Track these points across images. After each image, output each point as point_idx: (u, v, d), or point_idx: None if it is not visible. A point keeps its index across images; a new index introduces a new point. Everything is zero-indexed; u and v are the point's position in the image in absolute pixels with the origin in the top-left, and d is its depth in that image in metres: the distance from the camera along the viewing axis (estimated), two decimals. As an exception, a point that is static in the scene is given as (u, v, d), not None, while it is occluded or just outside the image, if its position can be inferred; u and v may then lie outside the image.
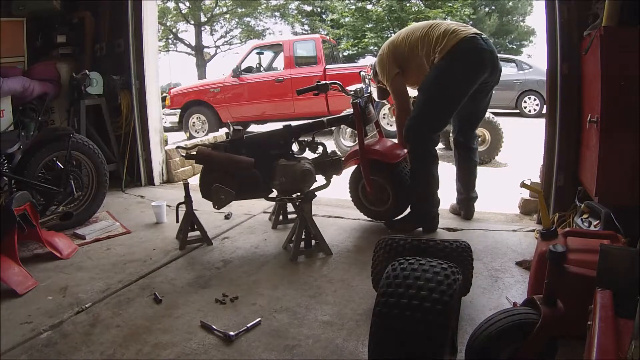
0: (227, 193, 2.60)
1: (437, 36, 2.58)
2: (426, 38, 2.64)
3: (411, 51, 2.71)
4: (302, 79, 7.88)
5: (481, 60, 2.54)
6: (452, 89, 2.58)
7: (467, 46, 2.51)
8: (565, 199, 2.80)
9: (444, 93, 2.60)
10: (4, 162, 3.00)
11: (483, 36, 2.57)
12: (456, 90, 2.58)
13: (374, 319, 1.31)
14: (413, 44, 2.70)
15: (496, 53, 2.62)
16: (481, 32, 2.60)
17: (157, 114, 4.50)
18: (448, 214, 3.18)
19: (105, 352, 1.70)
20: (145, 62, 4.21)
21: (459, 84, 2.57)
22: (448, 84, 2.57)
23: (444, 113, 2.68)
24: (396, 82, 2.79)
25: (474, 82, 2.58)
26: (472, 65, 2.54)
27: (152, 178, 4.42)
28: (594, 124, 2.22)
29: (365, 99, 2.84)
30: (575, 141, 2.76)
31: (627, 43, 2.06)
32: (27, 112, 3.65)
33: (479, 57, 2.53)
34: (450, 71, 2.54)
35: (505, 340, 1.31)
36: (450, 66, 2.53)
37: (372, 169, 2.83)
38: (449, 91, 2.59)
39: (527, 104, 9.80)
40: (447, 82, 2.57)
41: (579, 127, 2.73)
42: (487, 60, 2.55)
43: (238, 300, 2.07)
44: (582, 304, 1.23)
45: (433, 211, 2.81)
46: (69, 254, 2.66)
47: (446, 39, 2.54)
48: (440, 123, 2.72)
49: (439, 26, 2.63)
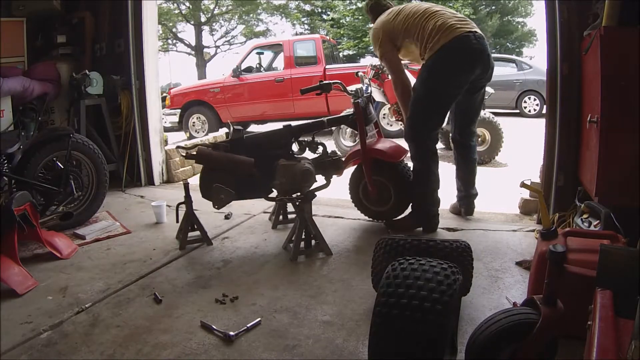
0: (227, 193, 2.60)
1: (431, 30, 2.56)
2: (420, 30, 2.63)
3: (407, 33, 2.70)
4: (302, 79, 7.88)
5: (471, 60, 2.55)
6: (442, 88, 2.61)
7: (457, 46, 2.50)
8: (565, 199, 2.80)
9: (434, 92, 2.63)
10: (4, 162, 3.00)
11: (477, 34, 2.55)
12: (446, 88, 2.61)
13: (374, 319, 1.31)
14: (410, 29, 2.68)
15: (488, 51, 2.62)
16: (476, 29, 2.58)
17: (157, 114, 4.50)
18: (448, 214, 3.18)
19: (105, 352, 1.70)
20: (145, 62, 4.21)
21: (448, 83, 2.60)
22: (438, 83, 2.60)
23: (436, 111, 2.71)
24: (390, 56, 2.77)
25: (464, 81, 2.60)
26: (462, 65, 2.55)
27: (152, 178, 4.42)
28: (594, 124, 2.22)
29: (365, 99, 2.85)
30: (575, 141, 2.76)
31: (627, 43, 2.06)
32: (27, 112, 3.65)
33: (469, 57, 2.54)
34: (439, 70, 2.56)
35: (505, 340, 1.31)
36: (439, 65, 2.54)
37: (373, 168, 2.84)
38: (438, 90, 2.62)
39: (527, 104, 9.81)
40: (437, 81, 2.60)
41: (579, 127, 2.73)
42: (477, 61, 2.56)
43: (238, 300, 2.07)
44: (582, 304, 1.23)
45: (433, 210, 2.81)
46: (69, 254, 2.66)
47: (438, 35, 2.53)
48: (434, 121, 2.73)
49: (435, 17, 2.60)
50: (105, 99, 4.17)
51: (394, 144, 2.93)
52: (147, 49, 4.22)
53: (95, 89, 4.06)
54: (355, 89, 2.91)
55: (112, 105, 4.25)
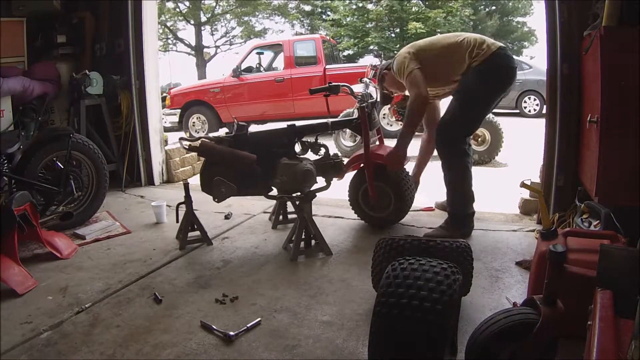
0: (228, 187, 2.60)
1: (474, 43, 2.65)
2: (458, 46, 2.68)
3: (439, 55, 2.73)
4: (302, 79, 7.89)
5: (512, 76, 2.70)
6: (488, 97, 2.72)
7: (502, 62, 2.64)
8: (565, 199, 2.80)
9: (480, 100, 2.71)
10: (4, 162, 3.00)
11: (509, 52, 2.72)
12: (490, 98, 2.73)
13: (374, 319, 1.31)
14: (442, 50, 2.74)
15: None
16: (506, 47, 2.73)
17: (157, 114, 4.50)
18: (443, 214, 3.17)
19: (105, 352, 1.70)
20: (145, 62, 4.21)
21: (493, 93, 2.72)
22: (485, 92, 2.69)
23: (478, 118, 2.82)
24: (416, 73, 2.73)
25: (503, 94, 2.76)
26: (506, 79, 2.69)
27: (152, 178, 4.42)
28: (594, 124, 2.22)
29: (370, 104, 2.85)
30: (575, 141, 2.76)
31: (627, 43, 2.06)
32: (27, 112, 3.65)
33: (511, 72, 2.69)
34: (487, 80, 2.64)
35: (505, 340, 1.31)
36: (488, 76, 2.63)
37: (374, 174, 2.83)
38: (486, 98, 2.71)
39: (527, 104, 9.81)
40: (485, 90, 2.68)
41: (579, 127, 2.73)
42: (514, 77, 2.73)
43: (238, 300, 2.07)
44: (582, 304, 1.23)
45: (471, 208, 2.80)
46: (69, 254, 2.66)
47: (483, 47, 2.63)
48: (475, 127, 2.96)
49: (469, 36, 2.70)
50: (105, 99, 4.17)
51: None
52: (147, 49, 4.22)
53: (95, 89, 4.06)
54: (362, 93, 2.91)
55: (112, 105, 4.24)
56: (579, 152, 2.74)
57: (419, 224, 3.04)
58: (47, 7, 4.08)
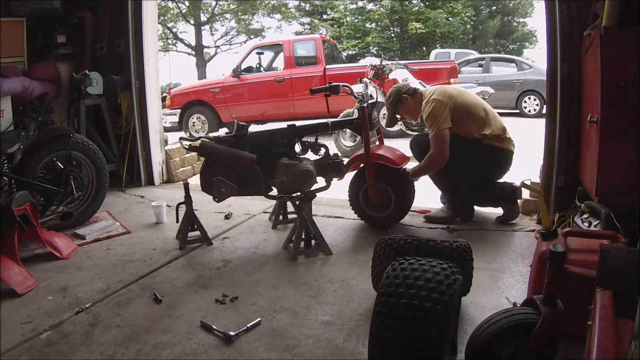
0: (228, 186, 2.60)
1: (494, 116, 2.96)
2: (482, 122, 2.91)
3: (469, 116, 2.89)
4: (302, 79, 7.89)
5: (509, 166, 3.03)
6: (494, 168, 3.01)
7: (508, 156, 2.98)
8: (565, 199, 2.79)
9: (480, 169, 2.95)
10: (4, 162, 3.00)
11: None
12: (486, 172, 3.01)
13: (374, 319, 1.31)
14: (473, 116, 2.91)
15: None
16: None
17: (157, 114, 4.50)
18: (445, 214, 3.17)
19: (105, 352, 1.70)
20: (145, 62, 4.21)
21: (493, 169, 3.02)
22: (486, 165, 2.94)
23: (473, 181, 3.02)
24: (445, 133, 2.83)
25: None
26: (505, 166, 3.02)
27: (152, 178, 4.42)
28: (594, 124, 2.22)
29: (371, 105, 2.85)
30: (575, 141, 2.76)
31: (627, 43, 2.06)
32: (27, 112, 3.64)
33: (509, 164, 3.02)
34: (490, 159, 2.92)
35: (505, 340, 1.31)
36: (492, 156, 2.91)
37: (374, 173, 2.83)
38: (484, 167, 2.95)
39: (527, 104, 9.80)
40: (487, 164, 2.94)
41: (579, 127, 2.72)
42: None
43: (238, 300, 2.07)
44: (582, 304, 1.23)
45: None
46: (69, 254, 2.66)
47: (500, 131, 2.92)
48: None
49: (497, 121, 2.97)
50: (105, 99, 4.17)
51: (396, 150, 2.94)
52: (147, 49, 4.22)
53: (95, 89, 4.06)
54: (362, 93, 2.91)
55: (112, 105, 4.25)
56: (579, 152, 2.74)
57: (419, 224, 3.04)
58: (47, 7, 4.08)
